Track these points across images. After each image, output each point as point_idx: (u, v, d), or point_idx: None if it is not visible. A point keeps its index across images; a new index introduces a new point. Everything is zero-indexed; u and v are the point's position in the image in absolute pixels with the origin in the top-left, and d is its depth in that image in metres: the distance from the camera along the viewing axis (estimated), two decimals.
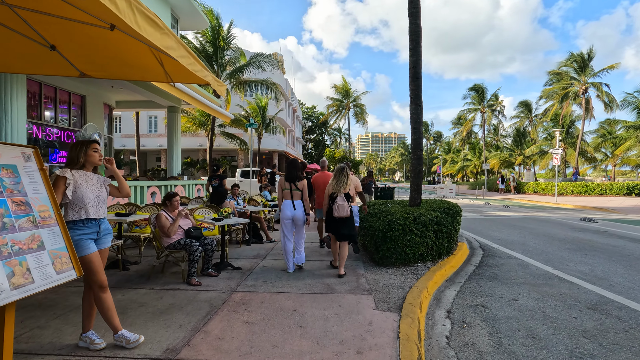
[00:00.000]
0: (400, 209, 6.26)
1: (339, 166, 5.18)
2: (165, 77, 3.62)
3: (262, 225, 7.50)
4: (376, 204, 7.87)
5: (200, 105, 10.41)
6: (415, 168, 6.62)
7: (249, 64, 16.50)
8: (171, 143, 12.71)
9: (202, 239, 4.77)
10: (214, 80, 3.46)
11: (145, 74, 3.63)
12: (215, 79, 3.54)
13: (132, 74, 3.69)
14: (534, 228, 9.89)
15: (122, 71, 3.63)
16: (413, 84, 6.45)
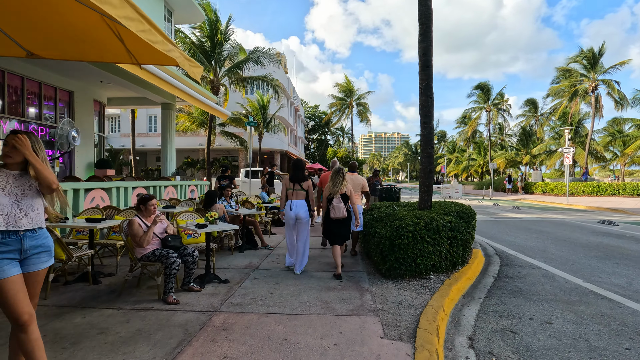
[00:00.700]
0: (408, 212, 5.60)
1: (335, 167, 5.14)
2: (128, 57, 2.99)
3: (257, 230, 6.86)
4: (381, 206, 7.21)
5: (196, 102, 9.80)
6: (425, 167, 5.95)
7: (248, 60, 15.87)
8: (165, 141, 12.12)
9: (181, 249, 4.13)
10: (186, 60, 2.82)
11: (104, 53, 3.00)
12: (187, 59, 2.90)
13: (89, 53, 3.07)
14: (551, 232, 9.18)
15: (77, 50, 3.01)
16: (423, 73, 5.79)
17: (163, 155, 12.14)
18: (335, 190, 4.97)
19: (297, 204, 5.03)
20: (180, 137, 31.55)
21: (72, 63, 8.47)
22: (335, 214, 4.88)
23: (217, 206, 6.08)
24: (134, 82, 9.87)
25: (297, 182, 5.03)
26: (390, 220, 5.24)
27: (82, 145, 10.72)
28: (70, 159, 10.38)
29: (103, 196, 6.27)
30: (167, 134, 12.08)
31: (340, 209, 4.88)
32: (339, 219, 4.93)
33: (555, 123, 43.48)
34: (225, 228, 4.60)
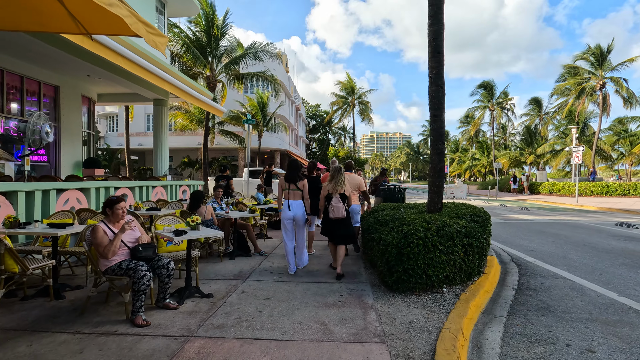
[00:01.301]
0: (417, 216, 5.00)
1: (335, 166, 5.09)
2: (75, 26, 2.40)
3: (250, 234, 6.27)
4: (386, 208, 6.61)
5: (189, 98, 9.27)
6: (435, 165, 5.34)
7: (246, 55, 15.28)
8: (158, 139, 11.56)
9: (155, 260, 3.54)
10: (143, 25, 2.23)
11: (44, 20, 2.41)
12: (148, 28, 2.31)
13: (25, 21, 2.47)
14: (568, 236, 8.55)
15: (9, 17, 2.41)
16: (433, 60, 5.18)
17: (155, 154, 11.57)
18: (336, 189, 4.91)
19: (295, 204, 4.98)
20: (178, 137, 31.06)
21: (56, 55, 7.91)
22: (335, 214, 4.81)
23: (203, 209, 5.49)
24: (123, 76, 9.32)
25: (292, 182, 4.97)
26: (397, 225, 4.65)
27: (69, 144, 10.17)
28: (55, 157, 9.83)
29: (80, 197, 5.69)
30: (159, 131, 11.51)
31: (339, 209, 4.82)
32: (338, 219, 4.87)
33: (559, 122, 42.78)
34: (208, 234, 4.01)
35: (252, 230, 6.29)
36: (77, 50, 7.39)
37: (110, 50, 5.64)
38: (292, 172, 5.01)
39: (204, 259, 5.83)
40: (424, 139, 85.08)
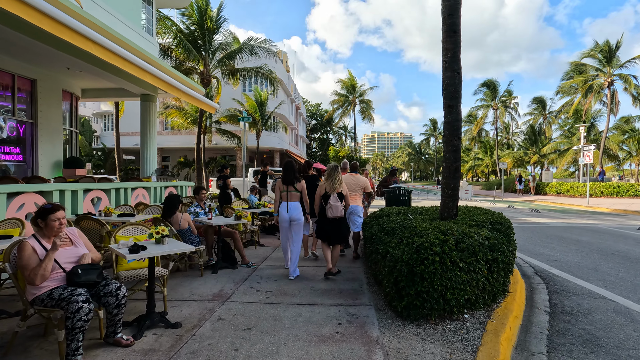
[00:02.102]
0: (429, 224, 4.24)
1: (331, 165, 5.01)
2: None
3: (237, 243, 5.51)
4: (391, 213, 5.84)
5: (179, 94, 8.53)
6: (450, 164, 4.57)
7: (242, 50, 14.52)
8: (145, 137, 10.82)
9: (101, 285, 2.78)
10: None
11: None
12: None
13: None
14: (591, 242, 7.76)
15: None
16: (448, 41, 4.41)
17: (142, 152, 10.83)
18: (333, 188, 4.82)
19: (292, 205, 4.89)
20: (175, 136, 30.36)
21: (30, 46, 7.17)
22: (333, 213, 4.73)
23: (179, 216, 4.73)
24: (106, 69, 8.61)
25: (289, 184, 4.89)
26: (406, 235, 3.89)
27: (47, 142, 9.44)
28: (32, 157, 9.09)
29: (39, 202, 4.94)
30: (147, 129, 10.77)
31: (337, 208, 4.75)
32: (335, 218, 4.79)
33: (564, 121, 41.93)
34: (173, 250, 3.24)
35: (239, 239, 5.53)
36: (52, 41, 6.67)
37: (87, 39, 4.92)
38: (288, 174, 4.91)
39: (182, 272, 5.07)
40: (426, 139, 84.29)
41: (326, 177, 4.95)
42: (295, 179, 4.91)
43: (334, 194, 4.78)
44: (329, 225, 4.85)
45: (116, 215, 5.34)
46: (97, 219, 4.58)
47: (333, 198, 4.75)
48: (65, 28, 4.52)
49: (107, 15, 9.09)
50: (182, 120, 22.11)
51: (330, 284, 4.63)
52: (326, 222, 4.86)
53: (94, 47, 5.16)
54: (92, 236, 4.69)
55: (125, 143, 30.16)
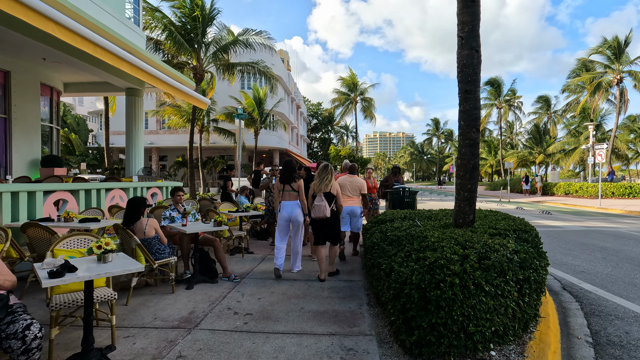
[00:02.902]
0: (442, 233, 3.52)
1: (323, 164, 4.89)
2: None
3: (218, 252, 4.78)
4: (395, 218, 5.12)
5: (167, 87, 7.81)
6: (467, 162, 3.82)
7: (236, 42, 13.79)
8: (130, 135, 10.11)
9: (3, 323, 2.05)
10: None
11: None
12: None
13: None
14: (617, 250, 6.99)
15: None
16: (465, 12, 3.67)
17: (128, 151, 10.12)
18: (320, 187, 4.68)
19: (290, 205, 4.84)
20: (172, 135, 29.68)
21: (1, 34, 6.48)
22: (316, 213, 4.63)
23: (143, 222, 4.00)
24: (84, 60, 7.92)
25: (287, 183, 4.85)
26: (416, 248, 3.16)
27: (23, 139, 8.74)
28: (5, 155, 8.39)
29: None
30: (132, 125, 10.06)
31: (320, 208, 4.59)
32: (321, 218, 4.68)
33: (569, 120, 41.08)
34: (115, 271, 2.49)
35: (220, 248, 4.80)
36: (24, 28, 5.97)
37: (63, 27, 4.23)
38: (286, 173, 4.88)
39: (151, 288, 4.35)
40: (428, 139, 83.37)
41: (316, 176, 4.84)
42: (292, 179, 4.83)
43: (320, 194, 4.65)
44: (315, 225, 4.78)
45: (77, 221, 4.62)
46: (46, 226, 3.85)
47: (318, 198, 4.63)
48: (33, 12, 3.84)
49: (85, 1, 8.39)
50: (179, 118, 21.42)
51: (324, 303, 3.89)
52: (314, 222, 4.78)
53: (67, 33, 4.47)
54: (42, 247, 3.97)
55: (120, 142, 29.50)
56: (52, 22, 4.29)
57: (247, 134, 26.87)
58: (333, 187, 4.72)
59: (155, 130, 29.74)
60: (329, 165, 4.80)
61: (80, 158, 27.82)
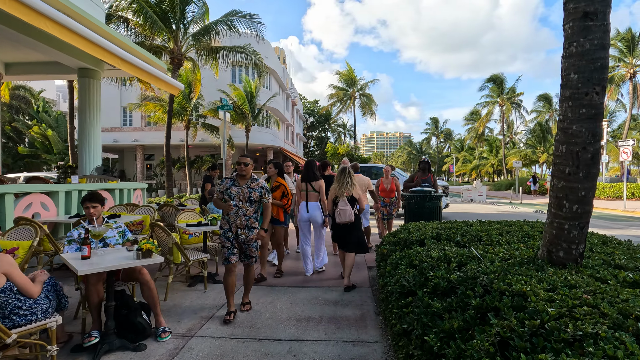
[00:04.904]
0: (546, 284, 1.74)
1: (341, 167, 4.78)
2: None
3: (147, 291, 3.00)
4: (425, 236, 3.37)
5: (130, 68, 6.21)
6: (582, 146, 2.08)
7: (219, 23, 11.99)
8: (84, 125, 8.30)
9: None
10: None
11: None
12: None
13: None
14: None
15: None
16: None
17: (81, 145, 8.30)
18: (341, 192, 4.49)
19: (311, 206, 4.79)
20: (158, 132, 27.71)
21: None
22: (341, 218, 4.38)
23: None
24: (27, 33, 6.26)
25: (308, 182, 4.79)
26: (513, 329, 1.38)
27: None
28: None
29: None
30: (87, 114, 8.24)
31: (346, 213, 4.37)
32: (345, 223, 4.42)
33: None
34: None
35: (151, 284, 3.02)
36: None
37: None
38: (308, 172, 4.82)
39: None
40: (426, 138, 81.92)
41: (335, 180, 4.64)
42: (314, 177, 4.79)
43: (343, 198, 4.46)
44: (340, 231, 4.52)
45: None
46: None
47: (342, 202, 4.43)
48: None
49: None
50: (162, 113, 19.56)
51: None
52: (337, 227, 4.54)
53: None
54: None
55: (102, 140, 27.61)
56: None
57: (237, 131, 25.06)
58: (355, 190, 4.51)
59: (141, 127, 27.83)
60: (346, 169, 4.59)
61: (58, 157, 25.91)
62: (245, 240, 3.46)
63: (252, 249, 3.53)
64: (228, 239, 3.45)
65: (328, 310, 3.65)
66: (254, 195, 3.47)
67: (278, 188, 4.70)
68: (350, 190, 4.48)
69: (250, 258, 3.55)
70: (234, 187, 3.49)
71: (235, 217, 3.43)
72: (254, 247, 3.54)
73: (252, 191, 3.47)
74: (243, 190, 3.46)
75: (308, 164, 4.97)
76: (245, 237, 3.45)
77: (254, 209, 3.53)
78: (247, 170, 3.51)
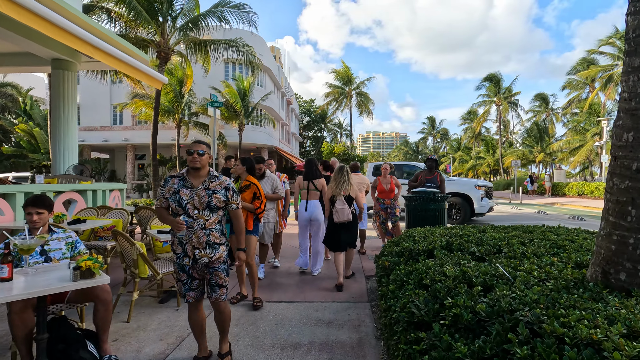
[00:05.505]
0: (601, 316, 1.16)
1: (338, 166, 4.73)
2: None
3: (100, 312, 2.41)
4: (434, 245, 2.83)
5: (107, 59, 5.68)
6: None
7: (208, 14, 11.39)
8: (58, 121, 7.69)
9: None
10: None
11: None
12: None
13: None
14: None
15: None
16: None
17: (55, 143, 7.68)
18: (339, 191, 4.45)
19: (312, 204, 4.76)
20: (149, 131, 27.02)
21: None
22: (339, 217, 4.37)
23: None
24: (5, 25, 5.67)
25: (310, 181, 4.76)
26: None
27: None
28: None
29: None
30: (61, 108, 7.63)
31: (344, 212, 4.36)
32: (343, 222, 4.41)
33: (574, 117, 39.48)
34: None
35: (108, 307, 2.45)
36: None
37: None
38: (310, 170, 4.79)
39: None
40: (423, 138, 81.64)
41: (332, 179, 4.60)
42: (316, 175, 4.76)
43: (340, 197, 4.41)
44: (336, 230, 4.48)
45: None
46: None
47: (339, 201, 4.39)
48: None
49: None
50: (152, 111, 18.86)
51: None
52: (334, 227, 4.49)
53: None
54: None
55: (93, 138, 26.90)
56: None
57: (231, 130, 24.43)
58: (352, 189, 4.49)
59: (131, 126, 27.11)
60: (344, 167, 4.56)
61: (45, 156, 25.12)
62: (208, 263, 2.45)
63: (221, 276, 2.49)
64: (183, 268, 2.45)
65: (320, 333, 3.10)
66: (216, 200, 2.45)
67: (248, 188, 3.80)
68: (348, 190, 4.45)
69: (219, 289, 2.49)
70: (184, 189, 2.43)
71: (190, 234, 2.40)
72: (222, 271, 2.50)
73: (212, 193, 2.45)
74: (199, 193, 2.42)
75: (310, 162, 4.88)
76: (208, 260, 2.43)
77: (217, 218, 2.49)
78: (202, 161, 2.44)
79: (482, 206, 9.49)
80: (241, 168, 3.87)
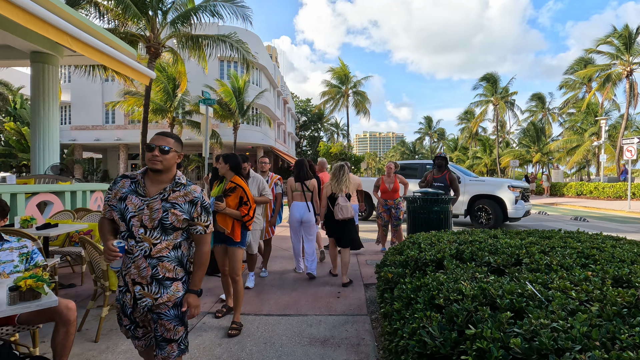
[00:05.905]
0: None
1: (338, 164, 4.69)
2: None
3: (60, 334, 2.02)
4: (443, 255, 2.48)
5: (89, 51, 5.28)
6: None
7: (200, 8, 10.98)
8: (37, 118, 7.26)
9: None
10: None
11: None
12: None
13: None
14: None
15: None
16: None
17: (35, 141, 7.26)
18: (340, 188, 4.44)
19: (302, 205, 4.63)
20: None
21: None
22: (343, 214, 4.32)
23: None
24: None
25: (301, 182, 4.63)
26: None
27: None
28: None
29: None
30: (41, 104, 7.21)
31: (347, 209, 4.34)
32: (345, 219, 4.38)
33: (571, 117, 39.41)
34: None
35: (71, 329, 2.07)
36: None
37: None
38: (300, 171, 4.62)
39: None
40: (419, 138, 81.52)
41: (331, 176, 4.55)
42: (308, 177, 4.63)
43: (341, 195, 4.38)
44: (337, 228, 4.44)
45: None
46: None
47: (342, 199, 4.35)
48: None
49: None
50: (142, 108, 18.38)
51: None
52: (335, 224, 4.45)
53: None
54: None
55: (84, 138, 26.36)
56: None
57: (226, 129, 24.00)
58: (350, 188, 4.52)
59: (124, 125, 26.58)
60: (344, 165, 4.53)
61: None
62: (152, 307, 1.74)
63: (168, 326, 1.75)
64: (124, 309, 1.78)
65: (314, 354, 2.73)
66: (173, 217, 1.73)
67: (233, 191, 3.14)
68: (348, 187, 4.47)
69: (169, 344, 1.75)
70: (134, 196, 1.73)
71: (128, 263, 1.73)
72: (172, 320, 1.76)
73: (170, 207, 1.73)
74: (151, 205, 1.72)
75: (299, 163, 4.69)
76: (152, 303, 1.73)
77: (170, 243, 1.75)
78: (165, 161, 1.74)
79: (518, 210, 8.37)
80: (224, 166, 3.19)
